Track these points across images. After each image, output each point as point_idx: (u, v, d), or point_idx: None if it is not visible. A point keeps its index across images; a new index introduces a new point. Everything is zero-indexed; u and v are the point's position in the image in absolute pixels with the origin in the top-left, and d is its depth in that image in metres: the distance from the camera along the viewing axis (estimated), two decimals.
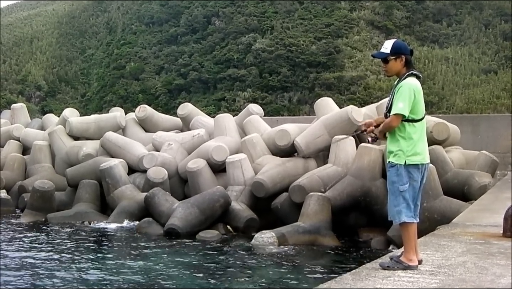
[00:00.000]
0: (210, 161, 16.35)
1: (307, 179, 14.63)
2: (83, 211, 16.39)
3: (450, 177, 14.35)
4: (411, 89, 5.39)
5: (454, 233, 7.86)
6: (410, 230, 5.43)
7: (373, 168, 13.95)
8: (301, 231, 13.14)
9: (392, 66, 5.56)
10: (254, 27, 69.78)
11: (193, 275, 10.61)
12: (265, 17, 71.41)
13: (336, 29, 67.70)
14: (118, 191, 16.23)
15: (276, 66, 63.91)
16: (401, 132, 5.44)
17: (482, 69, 61.90)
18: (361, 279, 5.20)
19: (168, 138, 18.26)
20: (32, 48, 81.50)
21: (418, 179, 5.47)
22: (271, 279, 10.27)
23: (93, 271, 10.91)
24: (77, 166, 17.97)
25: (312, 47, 64.93)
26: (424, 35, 68.48)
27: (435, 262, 5.92)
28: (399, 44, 5.58)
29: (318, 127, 16.04)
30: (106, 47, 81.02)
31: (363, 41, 66.78)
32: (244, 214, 14.75)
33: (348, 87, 60.35)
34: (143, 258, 12.04)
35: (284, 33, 67.73)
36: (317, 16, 70.39)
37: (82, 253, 12.55)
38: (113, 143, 18.15)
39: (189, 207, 14.52)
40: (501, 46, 64.46)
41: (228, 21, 72.01)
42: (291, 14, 71.50)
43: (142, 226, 14.93)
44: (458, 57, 64.09)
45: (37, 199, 16.71)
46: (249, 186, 15.40)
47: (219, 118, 18.54)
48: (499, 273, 5.46)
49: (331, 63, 63.26)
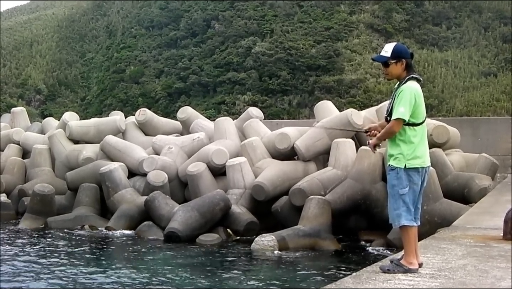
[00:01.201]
0: (210, 165, 16.35)
1: (307, 182, 14.63)
2: (83, 214, 16.38)
3: (450, 180, 14.35)
4: (412, 93, 5.39)
5: (455, 236, 7.86)
6: (410, 233, 5.42)
7: (373, 171, 13.95)
8: (301, 234, 13.13)
9: (392, 70, 5.56)
10: (253, 30, 69.81)
11: (193, 279, 10.59)
12: (265, 20, 71.43)
13: (335, 32, 67.71)
14: (118, 194, 16.23)
15: (275, 69, 63.90)
16: (401, 136, 5.44)
17: (482, 72, 61.88)
18: (362, 282, 5.19)
19: (168, 142, 18.25)
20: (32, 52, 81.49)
21: (418, 182, 5.47)
22: (271, 282, 10.26)
23: (92, 275, 10.89)
24: (77, 170, 17.96)
25: (311, 50, 64.93)
26: (423, 38, 68.47)
27: (436, 265, 5.92)
28: (400, 48, 5.58)
29: (318, 131, 16.04)
30: (106, 50, 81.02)
31: (363, 44, 66.78)
32: (244, 217, 14.75)
33: (348, 91, 60.34)
34: (143, 261, 12.04)
35: (284, 37, 67.76)
36: (316, 19, 70.41)
37: (81, 257, 12.54)
38: (113, 147, 18.15)
39: (189, 211, 14.51)
40: (501, 49, 64.47)
41: (227, 24, 72.03)
42: (291, 17, 71.51)
43: (142, 230, 14.92)
44: (457, 60, 64.08)
45: (37, 203, 16.71)
46: (249, 189, 15.39)
47: (219, 121, 18.54)
48: (499, 276, 5.46)
49: (330, 67, 63.25)
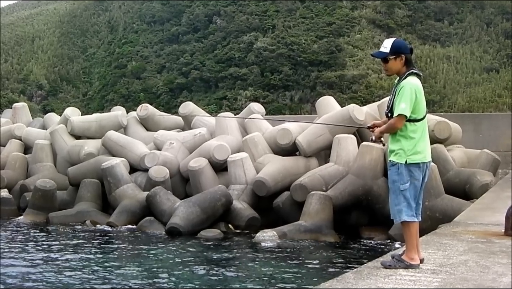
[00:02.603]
0: (211, 160, 16.35)
1: (309, 177, 14.63)
2: (85, 210, 16.39)
3: (452, 176, 14.34)
4: (412, 89, 5.38)
5: (456, 232, 7.86)
6: (411, 229, 5.42)
7: (374, 167, 13.94)
8: (302, 229, 13.15)
9: (392, 66, 5.55)
10: (255, 26, 69.75)
11: (195, 274, 10.61)
12: (267, 16, 71.37)
13: (337, 28, 67.63)
14: (119, 190, 16.24)
15: (277, 65, 63.87)
16: (402, 132, 5.44)
17: (484, 68, 61.81)
18: (363, 278, 5.20)
19: (170, 137, 18.25)
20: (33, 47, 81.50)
21: (419, 177, 5.46)
22: (273, 278, 10.27)
23: (94, 270, 10.91)
24: (78, 165, 17.97)
25: (313, 46, 64.87)
26: (425, 34, 68.36)
27: (437, 260, 5.92)
28: (399, 43, 5.56)
29: (319, 126, 16.03)
30: (107, 46, 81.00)
31: (365, 40, 66.70)
32: (246, 212, 14.76)
33: (349, 86, 60.30)
34: (144, 257, 12.06)
35: (286, 32, 67.70)
36: (318, 15, 70.32)
37: (83, 252, 12.55)
38: (115, 143, 18.15)
39: (190, 206, 14.52)
40: (503, 45, 64.38)
41: (229, 20, 71.97)
42: (293, 13, 71.44)
43: (144, 225, 14.94)
44: (459, 55, 63.99)
45: (39, 198, 16.73)
46: (251, 184, 15.40)
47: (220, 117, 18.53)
48: (500, 271, 5.46)
49: (332, 62, 63.20)
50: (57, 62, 79.96)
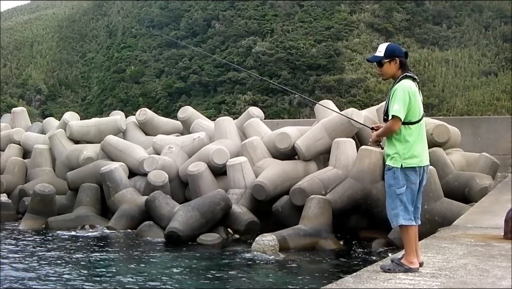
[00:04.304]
0: (210, 164, 16.35)
1: (308, 181, 14.63)
2: (84, 214, 16.38)
3: (451, 179, 14.35)
4: (405, 91, 5.37)
5: (455, 235, 7.85)
6: (410, 233, 5.41)
7: (373, 170, 13.95)
8: (302, 234, 13.13)
9: (387, 69, 5.55)
10: (254, 30, 69.84)
11: (194, 279, 10.60)
12: (265, 20, 71.47)
13: (336, 32, 67.75)
14: (118, 194, 16.23)
15: (276, 69, 63.95)
16: (397, 135, 5.42)
17: (482, 71, 61.89)
18: (362, 282, 5.19)
19: (169, 141, 18.26)
20: (32, 52, 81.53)
21: (416, 181, 5.44)
22: (272, 282, 10.26)
23: (93, 275, 10.90)
24: (77, 170, 17.97)
25: (312, 50, 64.97)
26: (424, 38, 68.49)
27: (436, 264, 5.91)
28: (393, 47, 5.57)
29: (318, 130, 16.05)
30: (106, 50, 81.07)
31: (363, 44, 66.80)
32: (245, 217, 14.74)
33: (348, 90, 60.38)
34: (143, 261, 12.04)
35: (284, 36, 67.80)
36: (317, 19, 70.44)
37: (82, 257, 12.53)
38: (114, 147, 18.15)
39: (189, 210, 14.50)
40: (501, 48, 64.48)
41: (228, 24, 72.07)
42: (291, 17, 71.55)
43: (143, 230, 14.92)
44: (458, 59, 64.09)
45: (38, 203, 16.70)
46: (250, 189, 15.39)
47: (219, 121, 18.55)
48: (500, 275, 5.45)
49: (331, 66, 63.29)
50: (56, 66, 80.00)
